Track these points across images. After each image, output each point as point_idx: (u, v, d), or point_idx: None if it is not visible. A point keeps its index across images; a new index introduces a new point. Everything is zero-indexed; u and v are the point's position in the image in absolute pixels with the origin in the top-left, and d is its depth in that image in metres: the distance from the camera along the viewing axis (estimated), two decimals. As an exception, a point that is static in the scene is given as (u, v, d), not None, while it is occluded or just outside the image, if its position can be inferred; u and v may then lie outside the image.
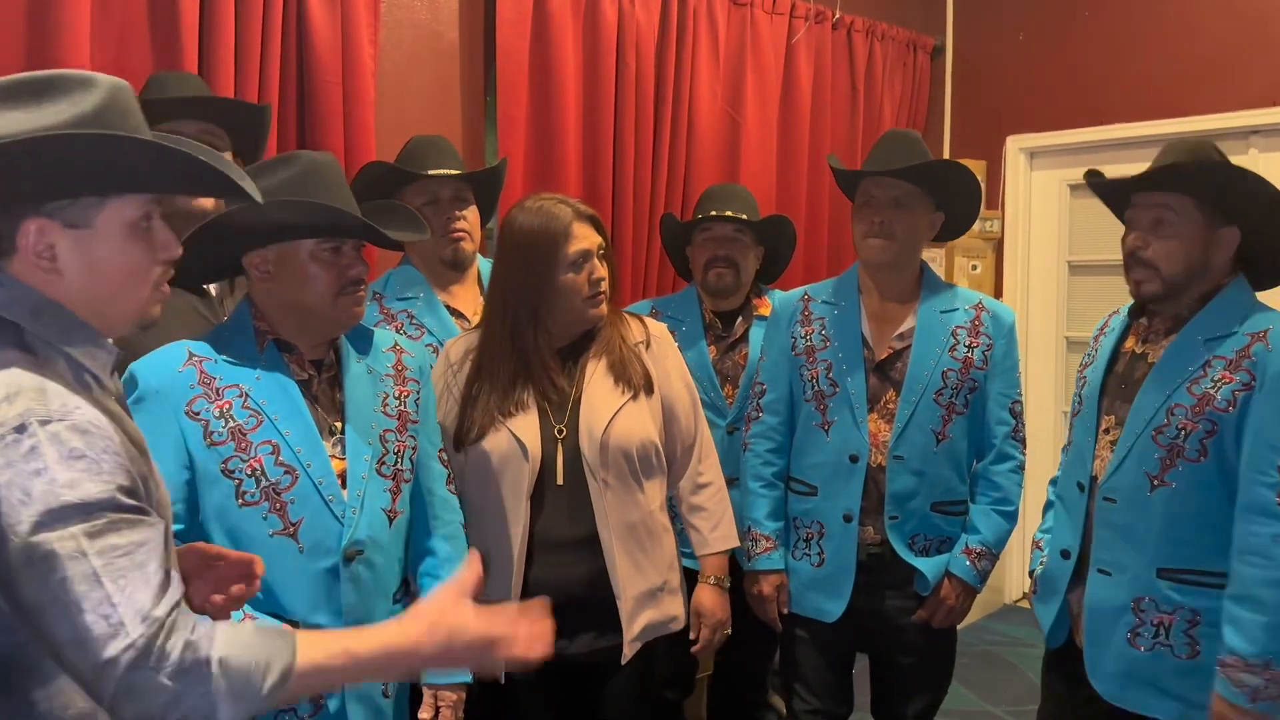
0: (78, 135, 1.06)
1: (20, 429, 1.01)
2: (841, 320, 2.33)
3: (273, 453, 1.65)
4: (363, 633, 1.18)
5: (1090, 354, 2.17)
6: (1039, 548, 2.23)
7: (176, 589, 1.06)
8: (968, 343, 2.29)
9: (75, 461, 1.02)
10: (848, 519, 2.26)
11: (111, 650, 0.98)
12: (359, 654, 1.14)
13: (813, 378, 2.33)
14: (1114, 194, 2.06)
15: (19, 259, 1.11)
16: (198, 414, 1.63)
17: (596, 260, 1.98)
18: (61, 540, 0.99)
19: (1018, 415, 2.32)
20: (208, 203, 1.97)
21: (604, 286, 2.00)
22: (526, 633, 1.25)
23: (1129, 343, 2.06)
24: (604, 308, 2.01)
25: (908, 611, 2.29)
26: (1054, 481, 2.27)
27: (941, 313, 2.30)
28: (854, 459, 2.26)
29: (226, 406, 1.65)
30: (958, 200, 2.33)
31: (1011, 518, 2.30)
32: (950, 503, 2.30)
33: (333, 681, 1.17)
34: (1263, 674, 1.76)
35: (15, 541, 0.98)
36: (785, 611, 2.36)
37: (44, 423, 1.02)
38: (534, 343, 1.98)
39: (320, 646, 1.12)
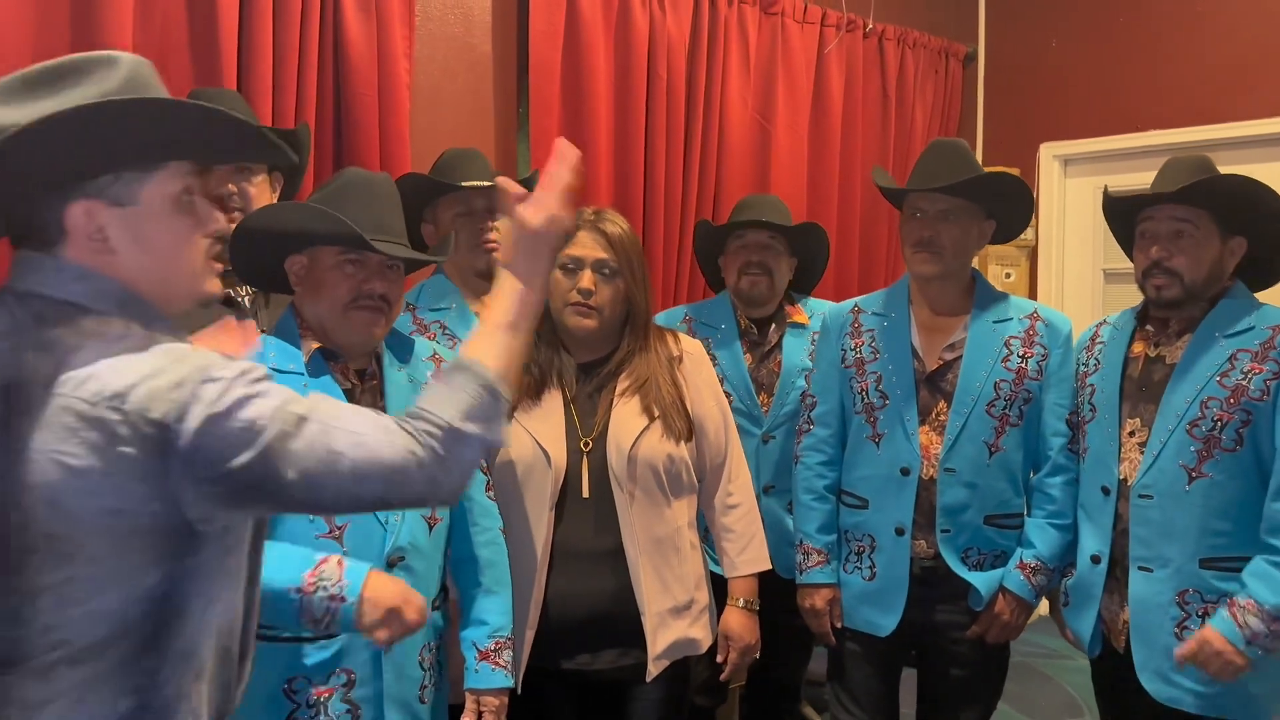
0: (108, 104, 1.06)
1: (205, 379, 1.07)
2: (891, 332, 2.30)
3: None
4: (496, 301, 1.32)
5: (1089, 363, 2.21)
6: None
7: None
8: (1021, 353, 2.24)
9: (259, 381, 1.11)
10: (899, 532, 2.23)
11: (386, 455, 1.12)
12: (500, 321, 1.28)
13: (862, 390, 2.30)
14: (1132, 209, 2.11)
15: (72, 244, 1.11)
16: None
17: (590, 272, 1.97)
18: (289, 420, 1.09)
19: (1075, 426, 2.26)
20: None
21: (593, 301, 1.96)
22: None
23: (1137, 348, 2.12)
24: (588, 322, 1.98)
25: (960, 626, 2.25)
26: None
27: (994, 323, 2.26)
28: (905, 472, 2.23)
29: None
30: (1008, 208, 2.30)
31: (1068, 531, 2.23)
32: (1004, 515, 2.25)
33: (513, 354, 1.28)
34: (1270, 624, 1.86)
35: (258, 451, 1.07)
36: (839, 625, 2.34)
37: (221, 367, 1.09)
38: (543, 338, 2.00)
39: (488, 345, 1.25)
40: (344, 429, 1.12)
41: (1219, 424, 1.95)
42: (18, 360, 1.06)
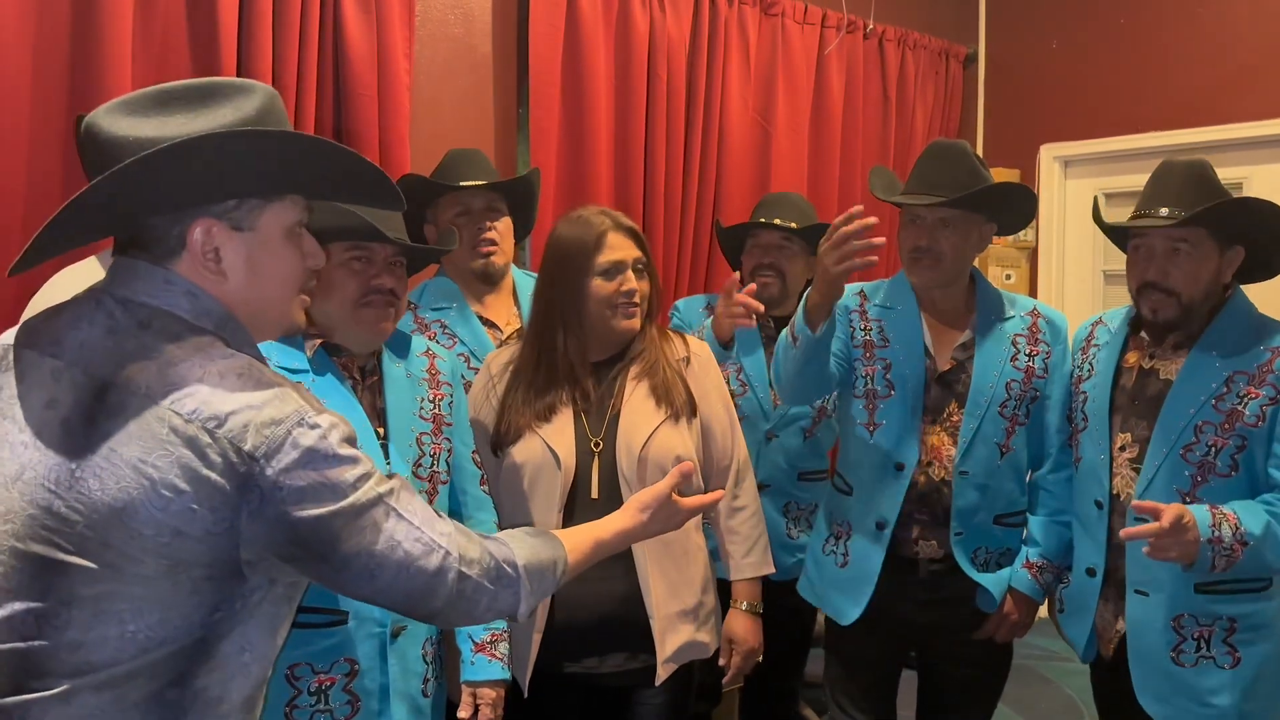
0: (257, 132, 1.08)
1: (301, 422, 1.07)
2: (901, 323, 2.24)
3: None
4: (601, 524, 1.46)
5: (1083, 368, 2.17)
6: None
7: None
8: (1028, 351, 2.22)
9: (348, 442, 1.12)
10: (880, 527, 2.20)
11: (435, 562, 1.15)
12: (603, 540, 1.43)
13: (868, 374, 2.24)
14: (1127, 234, 2.06)
15: (186, 260, 1.12)
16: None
17: (631, 272, 1.97)
18: (365, 495, 1.10)
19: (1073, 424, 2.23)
20: None
21: (637, 299, 1.98)
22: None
23: (1131, 358, 2.07)
24: (635, 321, 1.99)
25: (966, 627, 2.23)
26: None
27: (999, 322, 2.24)
28: (900, 468, 2.19)
29: None
30: (1011, 212, 2.26)
31: (1071, 527, 2.21)
32: (1011, 514, 2.25)
33: (586, 566, 1.40)
34: (1236, 544, 1.80)
35: (330, 510, 1.08)
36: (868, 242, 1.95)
37: (318, 414, 1.09)
38: (564, 348, 1.97)
39: (578, 544, 1.38)
40: (409, 521, 1.14)
41: (1213, 449, 1.92)
42: (118, 362, 1.07)
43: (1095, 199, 2.15)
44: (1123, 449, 2.04)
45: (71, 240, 1.13)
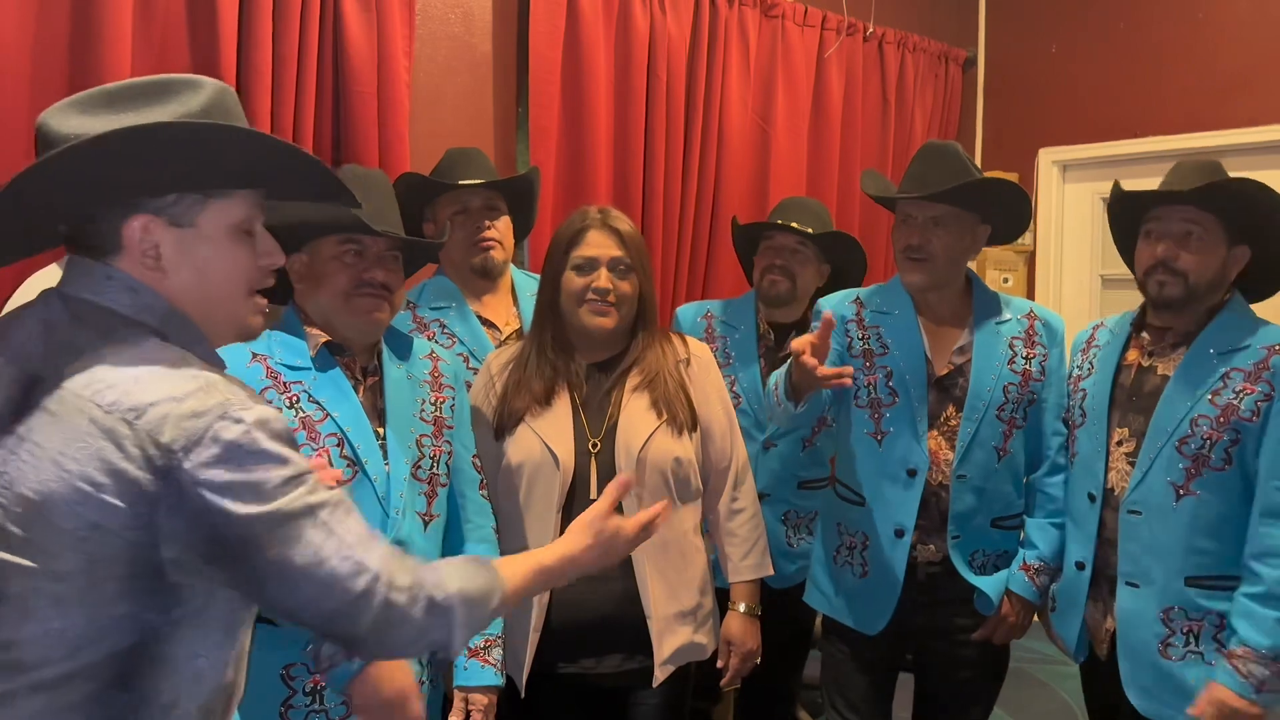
0: (166, 125, 1.06)
1: (225, 416, 1.04)
2: (899, 329, 2.24)
3: (338, 444, 1.69)
4: (546, 550, 1.38)
5: (1082, 366, 2.19)
6: None
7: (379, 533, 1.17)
8: (1025, 354, 2.22)
9: (278, 439, 1.07)
10: (899, 534, 2.19)
11: (362, 584, 1.08)
12: (547, 566, 1.35)
13: (870, 384, 2.23)
14: (1147, 204, 2.07)
15: (126, 257, 1.11)
16: (270, 404, 1.65)
17: (606, 270, 1.96)
18: (293, 503, 1.05)
19: (1070, 425, 2.23)
20: None
21: (611, 298, 1.96)
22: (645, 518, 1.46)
23: (1131, 355, 2.10)
24: (607, 320, 1.97)
25: (964, 629, 2.23)
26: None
27: (996, 324, 2.23)
28: (912, 473, 2.18)
29: (295, 399, 1.69)
30: (1004, 212, 2.26)
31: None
32: (1008, 517, 2.25)
33: (528, 595, 1.34)
34: (1271, 666, 1.82)
35: (253, 512, 1.03)
36: (838, 371, 1.96)
37: (245, 408, 1.05)
38: (552, 341, 1.99)
39: (518, 572, 1.30)
40: (340, 538, 1.08)
41: (1208, 443, 1.93)
42: (47, 356, 1.06)
43: (1116, 183, 2.15)
44: (1119, 444, 2.06)
45: (31, 244, 1.12)
